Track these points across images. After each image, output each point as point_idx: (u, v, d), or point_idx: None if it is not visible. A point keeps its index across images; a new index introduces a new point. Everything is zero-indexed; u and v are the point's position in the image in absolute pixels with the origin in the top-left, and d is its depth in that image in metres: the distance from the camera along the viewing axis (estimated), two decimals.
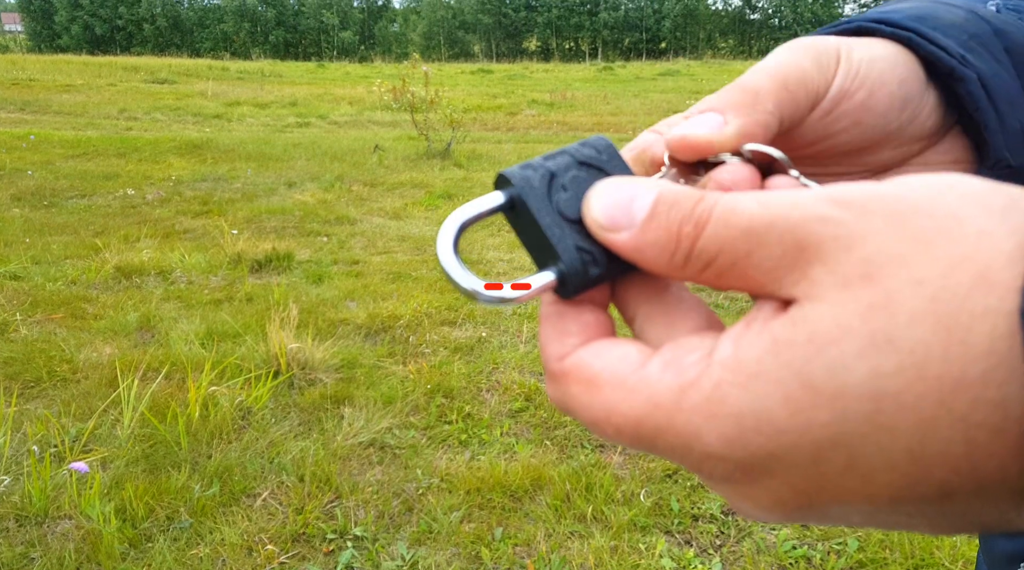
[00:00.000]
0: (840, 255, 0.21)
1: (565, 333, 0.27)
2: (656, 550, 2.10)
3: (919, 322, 0.20)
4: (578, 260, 0.26)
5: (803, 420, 0.21)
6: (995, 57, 0.36)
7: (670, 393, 0.23)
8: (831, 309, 0.21)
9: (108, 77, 18.56)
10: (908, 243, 0.21)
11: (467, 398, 2.94)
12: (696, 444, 0.23)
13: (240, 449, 2.53)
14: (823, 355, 0.21)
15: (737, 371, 0.22)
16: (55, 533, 2.13)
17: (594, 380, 0.25)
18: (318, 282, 4.29)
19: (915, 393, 0.20)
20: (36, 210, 5.93)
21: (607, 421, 0.24)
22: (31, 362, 3.11)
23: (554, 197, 0.28)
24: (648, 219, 0.25)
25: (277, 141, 9.70)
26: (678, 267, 0.25)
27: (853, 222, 0.22)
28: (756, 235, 0.23)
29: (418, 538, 2.16)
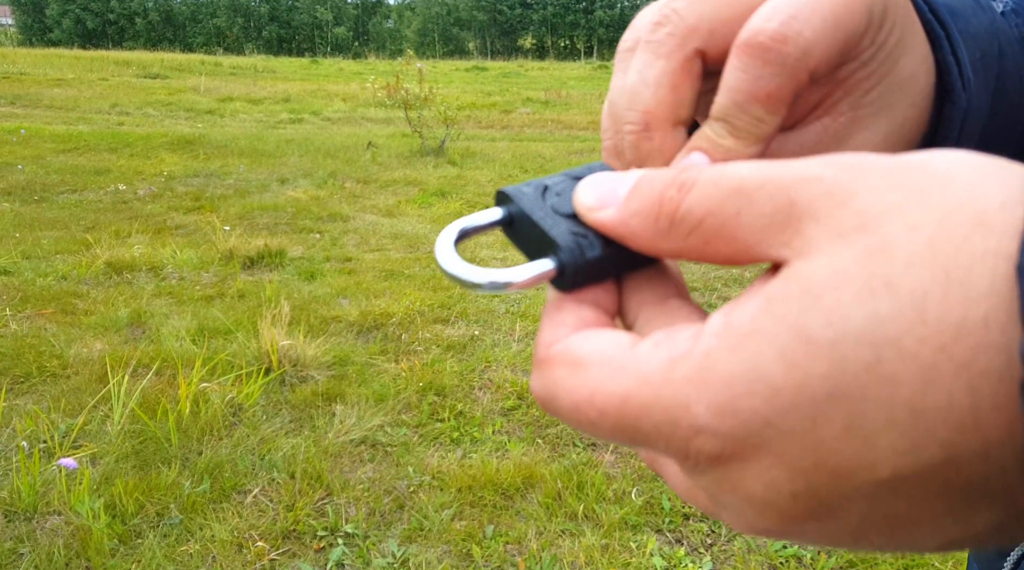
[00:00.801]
0: (834, 210, 0.21)
1: (560, 324, 0.26)
2: (647, 549, 2.11)
3: (917, 265, 0.19)
4: (573, 242, 0.27)
5: (800, 375, 0.20)
6: (987, 84, 0.35)
7: (659, 366, 0.22)
8: (825, 259, 0.20)
9: (100, 71, 18.46)
10: (903, 192, 0.20)
11: (459, 396, 2.94)
12: (684, 417, 0.21)
13: (231, 446, 2.53)
14: (819, 304, 0.20)
15: (728, 335, 0.21)
16: (44, 529, 2.12)
17: (580, 361, 0.24)
18: (310, 279, 4.28)
19: (915, 338, 0.19)
20: (26, 205, 5.89)
21: (590, 403, 0.23)
22: (21, 357, 3.09)
23: (548, 200, 0.28)
24: (632, 190, 0.25)
25: (270, 137, 9.67)
26: (663, 234, 0.24)
27: (848, 179, 0.21)
28: (746, 193, 0.22)
29: (409, 536, 2.16)
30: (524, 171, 7.98)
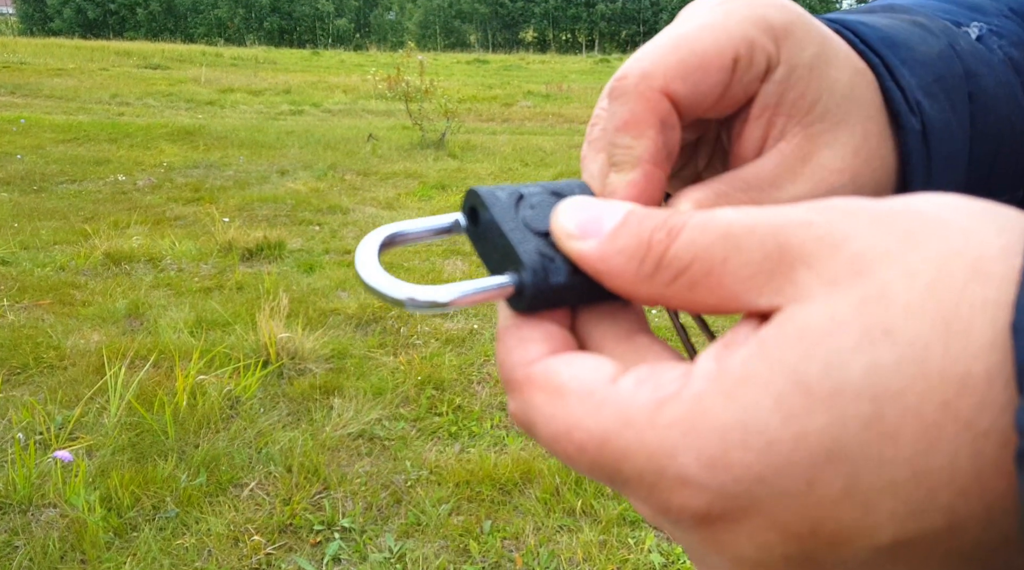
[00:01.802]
0: (826, 254, 0.20)
1: (527, 340, 0.24)
2: (645, 545, 2.10)
3: (917, 314, 0.18)
4: (539, 263, 0.25)
5: (797, 428, 0.18)
6: (954, 105, 0.34)
7: (644, 409, 0.20)
8: (821, 306, 0.19)
9: (100, 61, 18.41)
10: (896, 239, 0.19)
11: (458, 390, 2.92)
12: (670, 466, 0.20)
13: (228, 439, 2.52)
14: (816, 351, 0.19)
15: (721, 380, 0.20)
16: (39, 521, 2.11)
17: (560, 389, 0.22)
18: (309, 271, 4.27)
19: (917, 393, 0.18)
20: (25, 195, 5.87)
21: (567, 437, 0.22)
22: (18, 348, 3.08)
23: (520, 212, 0.27)
24: (619, 226, 0.23)
25: (270, 129, 9.64)
26: (645, 278, 0.22)
27: (837, 223, 0.20)
28: (734, 239, 0.21)
29: (406, 530, 2.16)
30: (524, 165, 7.96)
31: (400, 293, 0.24)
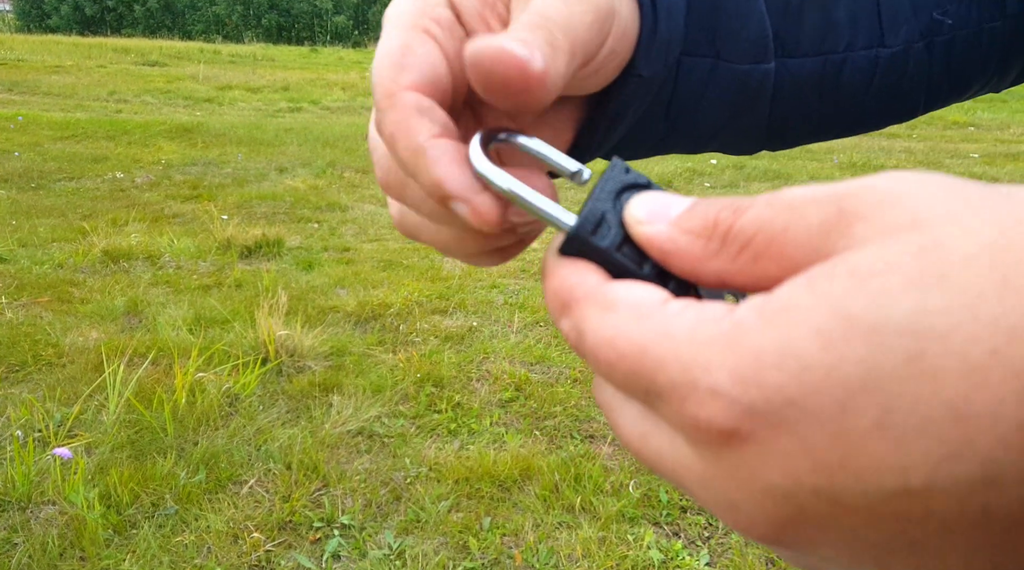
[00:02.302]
0: (884, 209, 0.20)
1: (585, 270, 0.26)
2: (644, 541, 2.10)
3: (973, 264, 0.18)
4: (593, 220, 0.27)
5: (834, 355, 0.18)
6: None
7: (686, 324, 0.21)
8: (875, 249, 0.19)
9: (98, 59, 18.36)
10: (958, 202, 0.19)
11: (457, 387, 2.92)
12: (702, 378, 0.20)
13: (227, 436, 2.51)
14: (864, 286, 0.18)
15: (764, 308, 0.20)
16: (38, 518, 2.10)
17: (611, 303, 0.24)
18: (308, 269, 4.26)
19: (965, 335, 0.17)
20: (23, 192, 5.86)
21: (610, 344, 0.23)
22: (16, 346, 3.07)
23: (626, 193, 0.28)
24: (687, 210, 0.25)
25: (268, 126, 9.63)
26: (711, 255, 0.23)
27: (900, 184, 0.20)
28: (796, 208, 0.21)
29: (405, 527, 2.16)
30: None
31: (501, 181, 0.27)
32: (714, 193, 6.00)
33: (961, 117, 10.35)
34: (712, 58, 0.38)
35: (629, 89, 0.34)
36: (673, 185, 6.26)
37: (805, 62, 0.41)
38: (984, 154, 7.69)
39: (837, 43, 0.42)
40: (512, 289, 3.95)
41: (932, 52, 0.45)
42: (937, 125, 9.81)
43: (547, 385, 2.94)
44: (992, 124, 10.14)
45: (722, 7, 0.37)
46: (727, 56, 0.38)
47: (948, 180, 0.20)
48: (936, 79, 0.46)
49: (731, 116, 0.41)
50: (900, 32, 0.43)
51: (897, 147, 7.96)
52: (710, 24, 0.37)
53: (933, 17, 0.44)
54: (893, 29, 0.43)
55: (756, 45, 0.39)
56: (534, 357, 3.18)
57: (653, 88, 0.36)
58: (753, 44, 0.38)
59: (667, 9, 0.34)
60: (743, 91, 0.39)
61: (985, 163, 7.23)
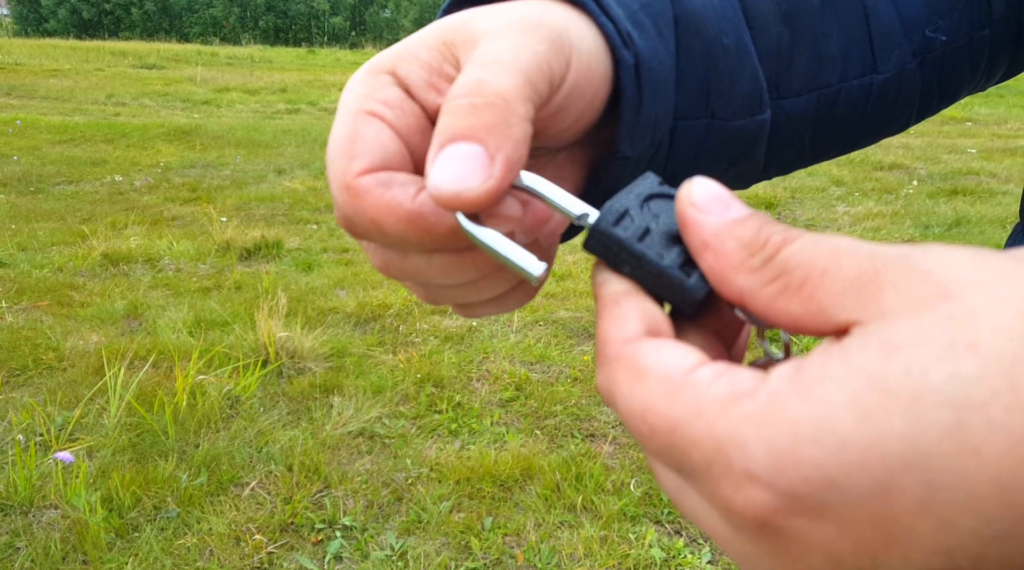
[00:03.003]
0: (916, 279, 0.20)
1: (624, 317, 0.25)
2: (646, 540, 2.10)
3: (1004, 332, 0.17)
4: (616, 214, 0.27)
5: (873, 429, 0.18)
6: (660, 31, 0.34)
7: (718, 400, 0.21)
8: (906, 321, 0.19)
9: (96, 62, 18.35)
10: (989, 271, 0.19)
11: (457, 387, 2.93)
12: (737, 458, 0.19)
13: (228, 438, 2.52)
14: (898, 357, 0.18)
15: (797, 379, 0.20)
16: (40, 523, 2.11)
17: (642, 371, 0.23)
18: (307, 270, 4.26)
19: (1003, 406, 0.17)
20: (22, 196, 5.86)
21: (642, 417, 0.22)
22: (17, 350, 3.07)
23: (655, 199, 0.28)
24: (744, 217, 0.24)
25: (267, 128, 9.63)
26: (749, 269, 0.23)
27: (933, 255, 0.20)
28: (838, 255, 0.21)
29: (407, 528, 2.16)
30: None
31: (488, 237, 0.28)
32: None
33: (958, 112, 10.35)
34: (707, 119, 0.37)
35: (615, 170, 0.33)
36: None
37: (799, 101, 0.41)
38: (981, 149, 7.69)
39: (830, 77, 0.41)
40: None
41: (924, 69, 0.45)
42: (934, 120, 9.82)
43: (547, 384, 2.94)
44: (989, 119, 10.14)
45: (715, 66, 0.37)
46: (722, 115, 0.38)
47: (976, 251, 0.20)
48: (928, 91, 0.46)
49: (728, 166, 0.41)
50: (892, 56, 0.43)
51: (895, 143, 7.96)
52: (703, 84, 0.36)
53: (925, 35, 0.44)
54: (885, 55, 0.43)
55: (751, 99, 0.38)
56: (534, 356, 3.18)
57: (643, 163, 0.35)
58: (748, 98, 0.38)
59: (654, 87, 0.33)
60: (740, 142, 0.39)
61: (983, 158, 7.23)
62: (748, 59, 0.38)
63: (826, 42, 0.41)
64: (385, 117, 0.29)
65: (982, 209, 5.34)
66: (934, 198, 5.74)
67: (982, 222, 4.99)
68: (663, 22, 0.34)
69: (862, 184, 6.23)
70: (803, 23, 0.40)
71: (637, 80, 0.32)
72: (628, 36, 0.32)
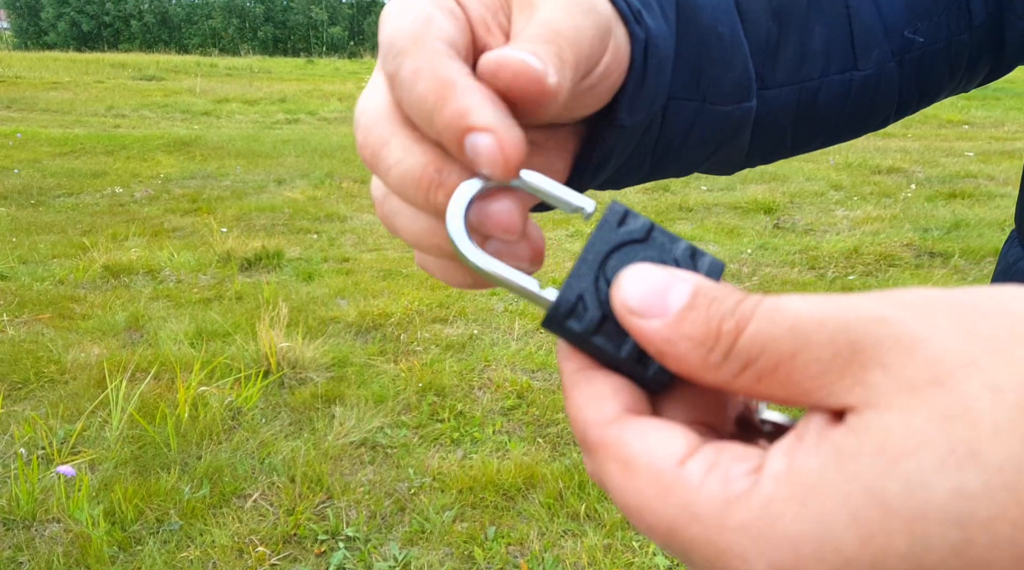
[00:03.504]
0: (902, 357, 0.19)
1: (598, 396, 0.24)
2: (650, 548, 2.10)
3: (1005, 435, 0.17)
4: (571, 304, 0.25)
5: (876, 549, 0.17)
6: (664, 13, 0.35)
7: (712, 506, 0.20)
8: (900, 417, 0.18)
9: (95, 74, 18.41)
10: (978, 344, 0.18)
11: (459, 396, 2.92)
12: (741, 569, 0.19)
13: (230, 450, 2.52)
14: (897, 468, 0.18)
15: (793, 484, 0.19)
16: (43, 536, 2.10)
17: (630, 463, 0.22)
18: (308, 280, 4.27)
19: (1011, 521, 0.17)
20: (23, 209, 5.87)
21: (638, 515, 0.22)
22: (18, 363, 3.07)
23: (619, 255, 0.26)
24: (686, 309, 0.22)
25: (266, 138, 9.65)
26: (713, 366, 0.22)
27: (914, 321, 0.19)
28: (804, 333, 0.20)
29: (410, 538, 2.15)
30: None
31: (478, 260, 0.26)
32: (711, 195, 6.01)
33: (955, 115, 10.37)
34: (698, 102, 0.39)
35: (611, 138, 0.34)
36: (670, 189, 6.27)
37: (781, 91, 0.42)
38: (979, 152, 7.70)
39: (812, 71, 0.43)
40: (512, 296, 3.95)
41: (903, 68, 0.46)
42: (931, 123, 9.83)
43: (549, 392, 2.94)
44: (987, 122, 10.16)
45: (708, 52, 0.38)
46: (712, 99, 0.39)
47: (958, 308, 0.19)
48: (907, 91, 0.48)
49: (714, 150, 0.42)
50: (872, 55, 0.44)
51: (892, 147, 7.97)
52: (696, 68, 0.38)
53: (904, 36, 0.45)
54: (865, 53, 0.44)
55: (740, 87, 0.40)
56: (536, 364, 3.18)
57: (636, 135, 0.36)
58: (738, 86, 0.40)
59: (657, 63, 0.34)
60: (726, 128, 0.41)
61: (980, 161, 7.24)
62: (740, 50, 0.39)
63: (810, 38, 0.43)
64: (457, 17, 0.29)
65: (980, 212, 5.35)
66: (932, 201, 5.75)
67: (980, 225, 5.00)
68: (667, 5, 0.36)
69: (860, 188, 6.23)
70: (790, 19, 0.42)
71: (644, 55, 0.33)
72: (639, 13, 0.33)
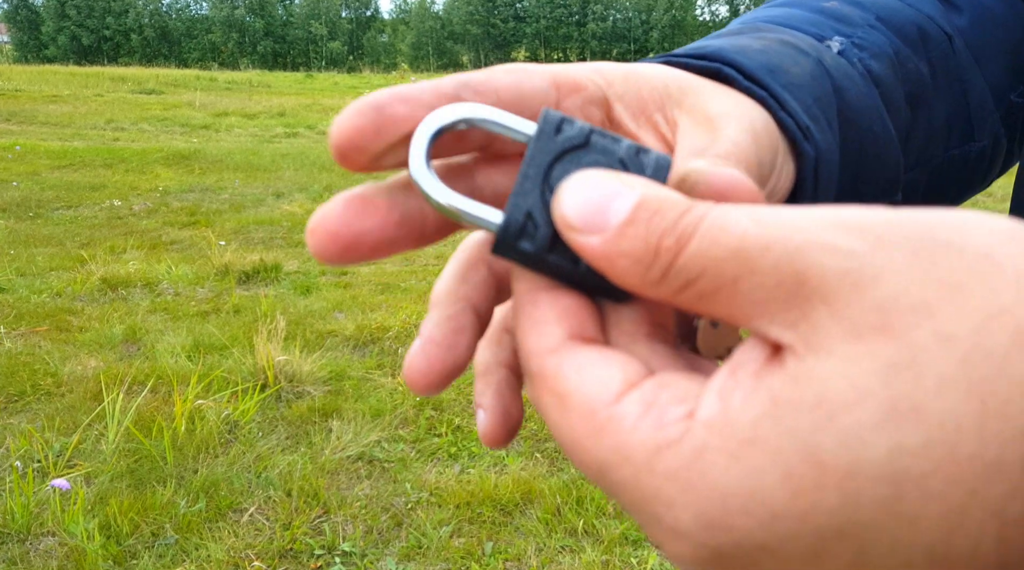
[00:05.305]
0: (850, 296, 0.18)
1: (542, 322, 0.23)
2: (648, 564, 2.09)
3: (949, 389, 0.17)
4: (519, 223, 0.24)
5: (806, 504, 0.17)
6: (829, 123, 0.35)
7: (643, 450, 0.19)
8: (842, 366, 0.18)
9: (95, 87, 18.48)
10: (933, 287, 0.18)
11: (456, 410, 2.92)
12: (665, 516, 0.19)
13: (226, 464, 2.50)
14: (834, 424, 0.17)
15: (726, 435, 0.18)
16: (38, 550, 2.09)
17: (565, 398, 0.22)
18: (306, 293, 4.27)
19: (943, 477, 0.16)
20: (21, 221, 5.87)
21: (571, 449, 0.21)
22: (15, 376, 3.07)
23: (562, 164, 0.24)
24: (625, 224, 0.21)
25: (265, 151, 9.68)
26: (652, 283, 0.21)
27: (867, 255, 0.18)
28: (747, 259, 0.19)
29: (407, 553, 2.14)
30: None
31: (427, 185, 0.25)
32: None
33: None
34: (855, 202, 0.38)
35: None
36: None
37: (912, 174, 0.43)
38: None
39: (936, 150, 0.44)
40: None
41: (1009, 129, 0.47)
42: None
43: None
44: None
45: (865, 153, 0.38)
46: (868, 198, 0.39)
47: (918, 240, 0.18)
48: (1012, 148, 0.49)
49: None
50: (987, 125, 0.45)
51: None
52: (855, 173, 0.38)
53: (1011, 100, 0.46)
54: (981, 124, 0.45)
55: (891, 182, 0.40)
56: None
57: None
58: (889, 182, 0.40)
59: (827, 177, 0.34)
60: None
61: None
62: (892, 145, 0.39)
63: (935, 117, 0.43)
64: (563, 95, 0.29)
65: None
66: None
67: None
68: (831, 115, 0.35)
69: None
70: (920, 102, 0.42)
71: (815, 172, 0.33)
72: (807, 130, 0.32)
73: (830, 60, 0.37)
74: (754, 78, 0.33)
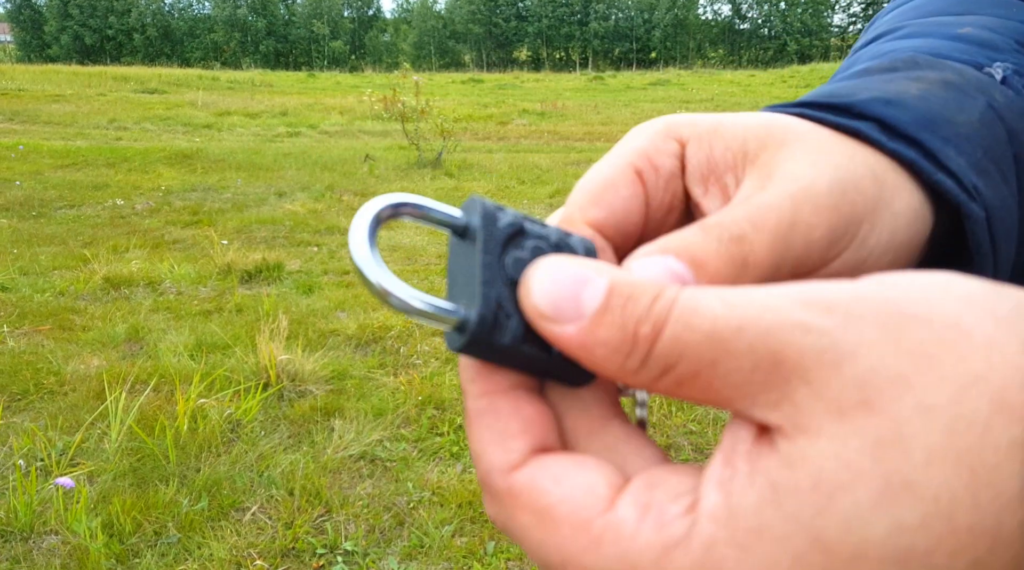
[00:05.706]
0: (828, 374, 0.18)
1: (505, 434, 0.22)
2: None
3: (938, 461, 0.17)
4: (492, 315, 0.22)
5: None
6: (1004, 175, 0.31)
7: (651, 554, 0.19)
8: (832, 446, 0.18)
9: (98, 87, 18.51)
10: (907, 359, 0.18)
11: (459, 409, 2.92)
12: None
13: (229, 463, 2.51)
14: (834, 506, 0.17)
15: (732, 527, 0.18)
16: (41, 549, 2.10)
17: (550, 514, 0.20)
18: (308, 292, 4.27)
19: (947, 552, 0.17)
20: (24, 221, 5.89)
21: (565, 569, 0.20)
22: (18, 374, 3.07)
23: (508, 251, 0.24)
24: (600, 312, 0.21)
25: (267, 151, 9.69)
26: (631, 372, 0.21)
27: (839, 331, 0.18)
28: (722, 341, 0.19)
29: (409, 553, 2.15)
30: (521, 182, 7.99)
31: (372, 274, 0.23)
32: None
33: None
34: None
35: None
36: None
37: None
38: None
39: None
40: None
41: None
42: None
43: None
44: None
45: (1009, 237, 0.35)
46: None
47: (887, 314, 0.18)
48: None
49: None
50: None
51: None
52: None
53: None
54: None
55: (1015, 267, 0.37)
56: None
57: None
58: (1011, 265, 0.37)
59: (1004, 233, 0.31)
60: None
61: None
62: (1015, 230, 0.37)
63: None
64: (647, 182, 0.28)
65: None
66: None
67: None
68: (1006, 165, 0.32)
69: None
70: None
71: (990, 233, 0.30)
72: (974, 189, 0.29)
73: (1000, 99, 0.33)
74: (906, 135, 0.29)
